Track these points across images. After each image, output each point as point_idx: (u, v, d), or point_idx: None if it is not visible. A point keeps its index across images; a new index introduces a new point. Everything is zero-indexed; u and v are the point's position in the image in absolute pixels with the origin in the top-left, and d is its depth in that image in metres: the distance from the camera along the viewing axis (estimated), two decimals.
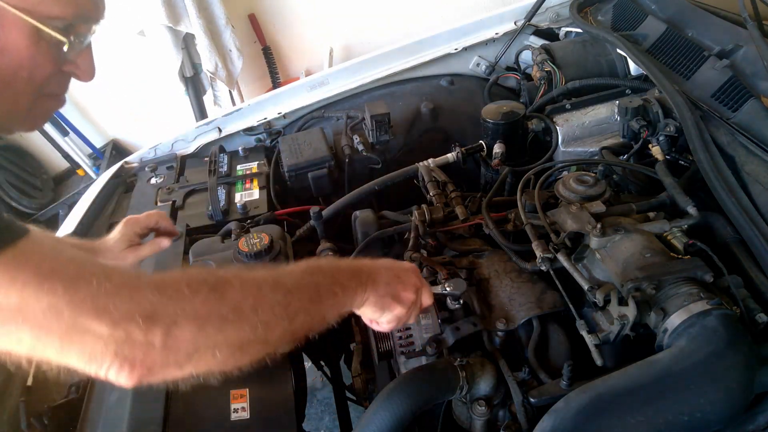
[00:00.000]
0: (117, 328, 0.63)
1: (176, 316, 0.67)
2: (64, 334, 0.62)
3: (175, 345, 0.67)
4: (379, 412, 0.92)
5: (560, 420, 0.85)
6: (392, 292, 0.95)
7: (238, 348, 0.73)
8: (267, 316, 0.75)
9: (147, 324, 0.64)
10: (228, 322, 0.71)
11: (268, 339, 0.77)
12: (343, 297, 0.88)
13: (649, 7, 1.80)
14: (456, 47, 2.09)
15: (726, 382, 0.87)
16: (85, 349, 0.63)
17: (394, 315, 0.96)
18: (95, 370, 0.64)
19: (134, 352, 0.64)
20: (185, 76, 3.25)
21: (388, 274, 0.97)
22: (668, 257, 1.05)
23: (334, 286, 0.87)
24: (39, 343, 0.62)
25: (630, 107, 1.46)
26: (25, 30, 0.69)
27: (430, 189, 1.47)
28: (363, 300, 0.92)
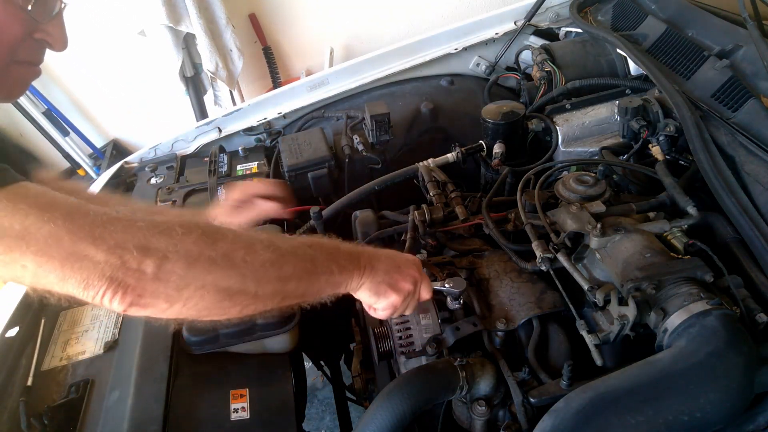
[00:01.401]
0: (112, 254, 0.66)
1: (167, 251, 0.70)
2: (64, 260, 0.65)
3: (166, 277, 0.69)
4: (379, 412, 0.92)
5: (560, 420, 0.85)
6: (389, 280, 0.97)
7: (226, 294, 0.75)
8: (257, 272, 0.77)
9: (140, 254, 0.68)
10: (217, 265, 0.73)
11: (258, 294, 0.78)
12: (339, 276, 0.90)
13: (649, 7, 1.80)
14: (456, 47, 2.09)
15: (726, 382, 0.86)
16: (82, 275, 0.66)
17: (390, 302, 0.98)
18: (92, 296, 0.67)
19: (127, 278, 0.67)
20: (186, 76, 3.25)
21: (388, 262, 0.98)
22: (668, 257, 1.05)
23: (331, 263, 0.89)
24: (41, 270, 0.64)
25: (630, 107, 1.46)
26: None
27: (430, 189, 1.47)
28: (359, 284, 0.94)
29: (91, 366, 1.21)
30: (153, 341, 1.22)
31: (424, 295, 1.03)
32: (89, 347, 1.26)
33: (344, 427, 1.46)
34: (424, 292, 1.03)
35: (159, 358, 1.18)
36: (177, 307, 0.72)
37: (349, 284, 0.93)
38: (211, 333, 1.21)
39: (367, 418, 0.94)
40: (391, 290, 0.97)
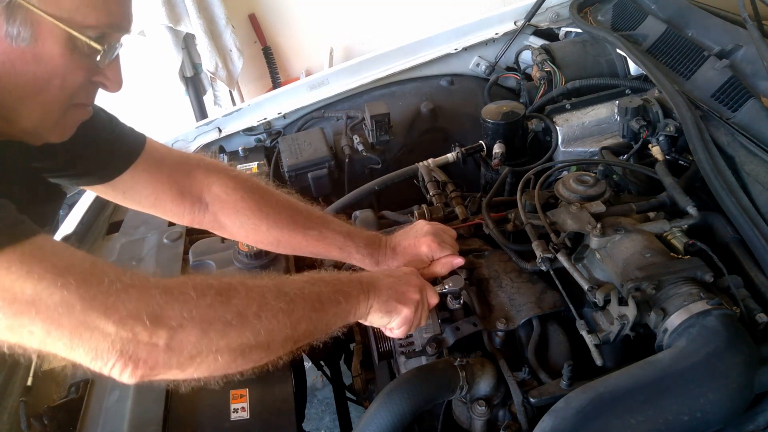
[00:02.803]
0: (123, 326, 0.64)
1: (182, 319, 0.68)
2: (74, 329, 0.63)
3: (179, 347, 0.68)
4: (379, 412, 0.92)
5: (560, 420, 0.85)
6: (396, 295, 0.96)
7: (239, 353, 0.74)
8: (270, 323, 0.76)
9: (153, 324, 0.66)
10: (231, 327, 0.72)
11: (270, 345, 0.78)
12: (346, 305, 0.89)
13: (649, 7, 1.80)
14: (456, 47, 2.09)
15: (726, 382, 0.87)
16: (91, 346, 0.64)
17: (403, 317, 0.97)
18: (100, 367, 0.66)
19: (138, 352, 0.66)
20: (185, 76, 3.25)
21: (389, 279, 0.98)
22: (668, 257, 1.05)
23: (336, 294, 0.88)
24: (49, 337, 0.63)
25: (630, 107, 1.46)
26: (60, 38, 0.69)
27: (430, 189, 1.47)
28: (367, 307, 0.93)
29: None
30: None
31: (432, 301, 1.03)
32: None
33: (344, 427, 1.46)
34: (431, 298, 1.03)
35: None
36: (189, 371, 0.71)
37: (357, 310, 0.92)
38: None
39: (367, 418, 0.94)
40: (400, 304, 0.96)
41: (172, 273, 1.39)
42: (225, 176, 1.11)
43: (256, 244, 1.19)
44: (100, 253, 1.55)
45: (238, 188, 1.10)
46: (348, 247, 1.16)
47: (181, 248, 1.48)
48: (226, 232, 1.15)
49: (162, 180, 1.07)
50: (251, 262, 1.34)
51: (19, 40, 0.67)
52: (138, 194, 1.07)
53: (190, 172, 1.09)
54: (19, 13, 0.66)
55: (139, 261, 1.47)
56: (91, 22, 0.71)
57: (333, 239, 1.15)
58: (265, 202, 1.12)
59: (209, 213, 1.11)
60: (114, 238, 1.60)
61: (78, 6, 0.69)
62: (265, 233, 1.13)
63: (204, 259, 1.42)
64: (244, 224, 1.12)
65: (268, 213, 1.11)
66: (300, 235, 1.13)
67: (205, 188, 1.10)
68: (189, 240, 1.53)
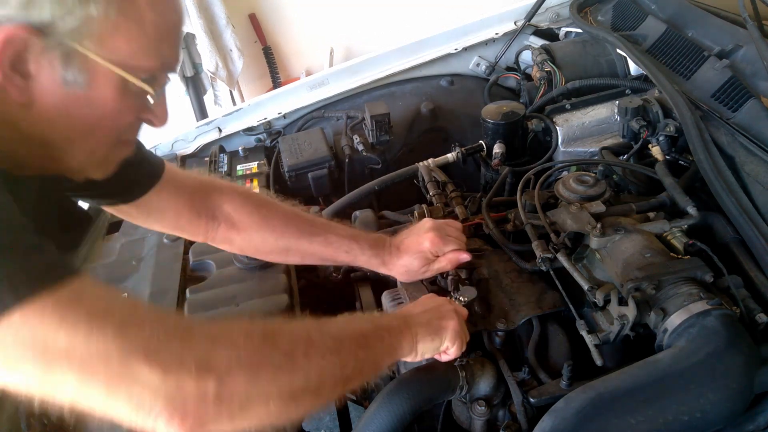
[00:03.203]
0: (168, 376, 0.61)
1: (230, 365, 0.65)
2: (111, 380, 0.59)
3: (229, 395, 0.64)
4: (379, 412, 0.92)
5: (560, 420, 0.85)
6: (434, 314, 0.96)
7: (290, 398, 0.71)
8: (319, 364, 0.74)
9: (200, 372, 0.62)
10: (281, 370, 0.70)
11: (321, 388, 0.76)
12: (390, 339, 0.88)
13: (649, 7, 1.80)
14: (456, 47, 2.09)
15: (726, 382, 0.87)
16: (132, 398, 0.60)
17: (452, 331, 0.95)
18: (142, 420, 0.61)
19: (186, 403, 0.61)
20: (185, 75, 3.25)
21: (417, 306, 0.99)
22: (668, 257, 1.05)
23: (378, 330, 0.87)
24: (84, 388, 0.59)
25: (630, 107, 1.46)
26: (113, 82, 0.69)
27: (430, 189, 1.47)
28: (413, 336, 0.91)
29: None
30: None
31: (463, 312, 1.03)
32: None
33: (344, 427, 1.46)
34: (461, 309, 1.03)
35: None
36: (240, 422, 0.67)
37: (403, 343, 0.90)
38: None
39: (367, 418, 0.94)
40: (444, 320, 0.95)
41: (172, 273, 1.39)
42: (235, 194, 1.16)
43: (266, 256, 1.23)
44: (100, 253, 1.55)
45: (247, 204, 1.15)
46: (353, 250, 1.18)
47: (181, 248, 1.48)
48: (236, 247, 1.19)
49: (183, 200, 1.11)
50: (251, 262, 1.34)
51: (75, 86, 0.67)
52: (161, 214, 1.11)
53: (206, 192, 1.13)
54: (77, 59, 0.66)
55: (139, 261, 1.48)
56: (144, 66, 0.71)
57: (339, 243, 1.17)
58: (272, 215, 1.16)
59: (221, 230, 1.14)
60: (114, 238, 1.60)
61: (134, 51, 0.69)
62: (273, 244, 1.16)
63: (204, 259, 1.42)
64: (253, 238, 1.15)
65: (275, 225, 1.15)
66: (306, 242, 1.16)
67: (218, 207, 1.14)
68: (189, 240, 1.53)
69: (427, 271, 1.18)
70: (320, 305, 1.50)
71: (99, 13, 0.64)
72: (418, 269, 1.18)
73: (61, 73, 0.66)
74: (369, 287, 1.40)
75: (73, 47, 0.65)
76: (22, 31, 0.62)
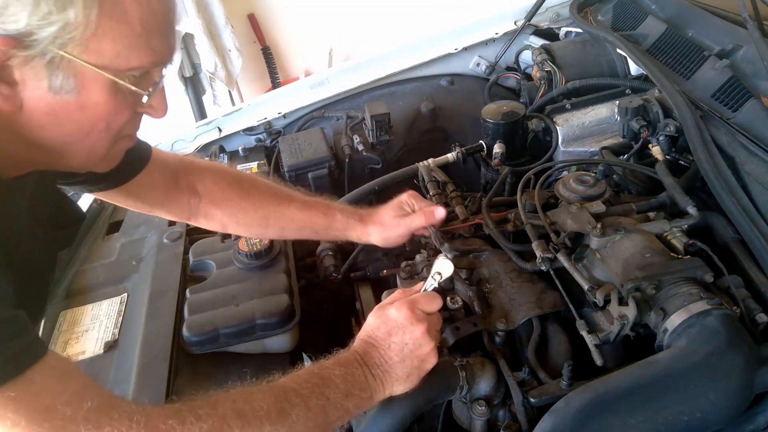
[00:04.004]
0: None
1: None
2: None
3: None
4: (380, 413, 0.92)
5: (560, 420, 0.85)
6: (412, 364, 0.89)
7: None
8: None
9: None
10: None
11: None
12: (356, 410, 0.85)
13: (649, 7, 1.80)
14: (456, 47, 2.09)
15: (726, 382, 0.87)
16: None
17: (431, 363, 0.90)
18: None
19: None
20: (184, 75, 3.26)
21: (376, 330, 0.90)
22: (668, 257, 1.05)
23: (346, 400, 0.83)
24: None
25: (630, 107, 1.46)
26: (104, 85, 0.69)
27: (430, 189, 1.47)
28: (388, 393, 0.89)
29: (91, 366, 1.21)
30: (153, 341, 1.22)
31: (433, 306, 0.94)
32: (89, 347, 1.25)
33: None
34: (427, 305, 0.93)
35: (159, 358, 1.18)
36: None
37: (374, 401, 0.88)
38: (211, 333, 1.21)
39: (367, 419, 0.94)
40: (424, 363, 0.90)
41: (172, 273, 1.39)
42: (214, 170, 1.20)
43: (248, 229, 1.25)
44: (100, 253, 1.55)
45: (225, 178, 1.19)
46: (331, 211, 1.23)
47: (181, 248, 1.48)
48: (218, 222, 1.21)
49: (168, 180, 1.14)
50: (251, 262, 1.34)
51: (63, 93, 0.67)
52: (149, 195, 1.13)
53: (188, 170, 1.17)
54: (62, 65, 0.65)
55: (139, 261, 1.48)
56: (134, 65, 0.70)
57: (315, 207, 1.22)
58: (250, 186, 1.21)
59: (202, 205, 1.17)
60: (114, 238, 1.60)
61: (120, 51, 0.67)
62: (253, 215, 1.19)
63: (204, 258, 1.42)
64: (234, 211, 1.18)
65: (253, 195, 1.19)
66: (284, 207, 1.20)
67: (199, 183, 1.17)
68: (189, 240, 1.53)
69: (403, 229, 1.21)
70: (320, 305, 1.50)
71: (79, 17, 0.62)
72: (393, 221, 1.21)
73: (47, 81, 0.65)
74: (369, 287, 1.40)
75: (58, 54, 0.64)
76: (0, 43, 0.61)
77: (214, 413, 0.71)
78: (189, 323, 1.22)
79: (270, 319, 1.22)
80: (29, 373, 0.62)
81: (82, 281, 1.44)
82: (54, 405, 0.62)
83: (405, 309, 0.89)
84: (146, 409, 0.69)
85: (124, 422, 0.66)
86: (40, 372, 0.63)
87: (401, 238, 1.25)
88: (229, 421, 0.71)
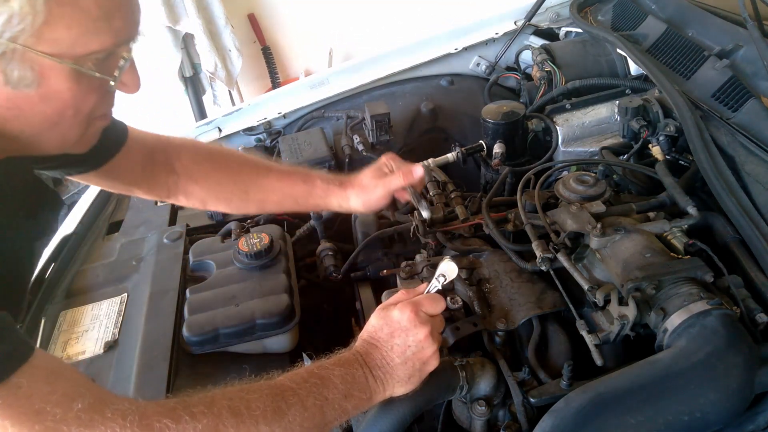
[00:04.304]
0: None
1: None
2: None
3: None
4: (380, 413, 0.92)
5: (560, 420, 0.85)
6: (415, 364, 0.88)
7: None
8: None
9: None
10: None
11: None
12: (354, 411, 0.84)
13: (649, 7, 1.80)
14: (456, 47, 2.09)
15: (726, 382, 0.87)
16: None
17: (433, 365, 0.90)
18: None
19: None
20: (184, 75, 3.26)
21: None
22: (668, 257, 1.05)
23: (345, 401, 0.82)
24: None
25: (630, 107, 1.46)
26: (64, 73, 0.66)
27: (430, 189, 1.47)
28: (389, 394, 0.88)
29: (91, 366, 1.21)
30: (153, 341, 1.22)
31: (437, 309, 0.93)
32: (89, 347, 1.25)
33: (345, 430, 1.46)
34: (430, 308, 0.92)
35: (159, 358, 1.18)
36: None
37: (373, 402, 0.87)
38: (211, 333, 1.21)
39: (368, 419, 0.94)
40: (426, 365, 0.89)
41: (172, 273, 1.39)
42: (189, 146, 1.19)
43: (228, 204, 1.23)
44: (100, 253, 1.55)
45: (201, 153, 1.18)
46: (311, 179, 1.20)
47: (181, 248, 1.48)
48: (197, 199, 1.19)
49: (146, 159, 1.12)
50: (251, 262, 1.34)
51: (22, 86, 0.65)
52: (127, 176, 1.11)
53: (164, 148, 1.15)
54: (15, 58, 0.62)
55: (139, 261, 1.48)
56: (94, 48, 0.67)
57: (295, 175, 1.20)
58: (227, 159, 1.19)
59: (181, 183, 1.16)
60: (114, 238, 1.60)
61: (77, 37, 0.65)
62: (233, 187, 1.18)
63: (204, 258, 1.42)
64: (212, 185, 1.17)
65: (231, 167, 1.18)
66: (264, 178, 1.18)
67: (176, 160, 1.15)
68: (189, 240, 1.53)
69: (382, 190, 1.19)
70: (320, 305, 1.51)
71: (24, 7, 0.60)
72: (372, 182, 1.19)
73: (2, 75, 0.63)
74: (369, 287, 1.40)
75: (9, 46, 0.61)
76: None
77: (209, 412, 0.71)
78: (189, 323, 1.22)
79: (270, 319, 1.22)
80: (15, 378, 0.61)
81: (82, 281, 1.44)
82: (43, 407, 0.61)
83: (409, 311, 0.88)
84: (140, 407, 0.68)
85: (117, 421, 0.65)
86: (27, 374, 0.62)
87: (381, 200, 1.21)
88: (224, 420, 0.71)
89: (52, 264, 1.47)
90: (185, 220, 1.62)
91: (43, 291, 1.38)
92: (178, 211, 1.70)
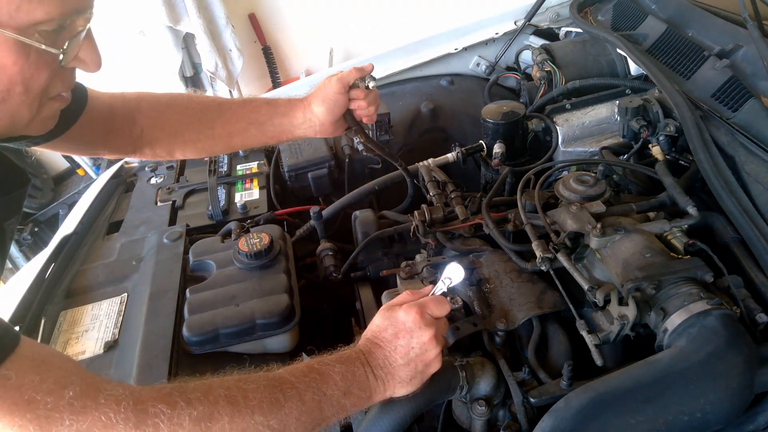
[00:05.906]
0: None
1: None
2: None
3: None
4: (380, 413, 0.92)
5: (560, 420, 0.85)
6: (417, 366, 0.87)
7: None
8: None
9: None
10: None
11: None
12: (353, 408, 0.84)
13: (649, 7, 1.80)
14: (456, 47, 2.09)
15: (726, 382, 0.87)
16: None
17: (430, 355, 0.88)
18: None
19: None
20: (185, 75, 3.26)
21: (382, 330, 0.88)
22: (668, 257, 1.05)
23: (344, 397, 0.82)
24: None
25: (630, 107, 1.46)
26: (7, 45, 0.61)
27: (430, 189, 1.47)
28: (389, 395, 0.88)
29: (91, 366, 1.21)
30: (153, 341, 1.21)
31: (442, 311, 0.92)
32: (89, 347, 1.25)
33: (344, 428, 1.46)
34: (436, 310, 0.90)
35: (159, 358, 1.18)
36: None
37: (372, 401, 0.86)
38: (211, 333, 1.21)
39: (368, 419, 0.94)
40: (429, 367, 0.88)
41: (172, 273, 1.39)
42: (148, 96, 1.16)
43: (195, 146, 1.20)
44: (100, 253, 1.55)
45: (162, 98, 1.16)
46: (273, 101, 1.21)
47: (181, 248, 1.47)
48: (163, 147, 1.16)
49: (107, 117, 1.09)
50: (251, 262, 1.34)
51: None
52: (92, 137, 1.09)
53: (123, 103, 1.13)
54: None
55: (139, 261, 1.47)
56: (40, 17, 0.61)
57: (257, 99, 1.20)
58: (187, 99, 1.16)
59: (145, 133, 1.13)
60: (114, 238, 1.60)
61: (18, 4, 0.59)
62: (197, 125, 1.15)
63: (204, 258, 1.42)
64: (177, 128, 1.14)
65: (192, 107, 1.15)
66: (226, 109, 1.17)
67: (137, 112, 1.13)
68: (189, 240, 1.53)
69: (337, 85, 1.20)
70: (320, 305, 1.50)
71: None
72: (327, 80, 1.21)
73: None
74: (369, 287, 1.40)
75: None
76: None
77: (205, 399, 0.70)
78: (189, 323, 1.22)
79: (270, 319, 1.22)
80: (3, 370, 0.60)
81: (82, 281, 1.44)
82: (34, 396, 0.60)
83: (414, 312, 0.88)
84: (135, 392, 0.67)
85: (111, 406, 0.64)
86: (15, 365, 0.61)
87: (340, 96, 1.21)
88: (220, 408, 0.70)
89: (52, 264, 1.47)
90: (185, 220, 1.62)
91: (43, 291, 1.38)
92: (178, 211, 1.70)
